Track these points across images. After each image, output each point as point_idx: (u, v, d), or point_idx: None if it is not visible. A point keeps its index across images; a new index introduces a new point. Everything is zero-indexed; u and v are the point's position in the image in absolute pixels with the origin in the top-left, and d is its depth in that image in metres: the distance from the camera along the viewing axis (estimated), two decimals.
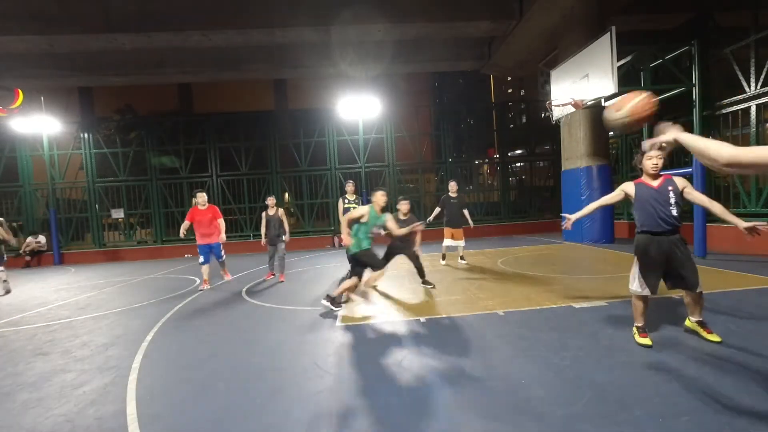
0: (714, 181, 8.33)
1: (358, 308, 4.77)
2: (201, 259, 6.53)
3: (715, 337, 3.05)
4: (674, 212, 3.06)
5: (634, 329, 3.21)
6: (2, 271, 7.18)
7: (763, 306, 3.96)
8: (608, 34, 6.67)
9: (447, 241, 7.58)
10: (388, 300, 5.11)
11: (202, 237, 6.44)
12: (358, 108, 12.06)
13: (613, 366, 2.75)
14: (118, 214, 13.60)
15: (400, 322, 4.11)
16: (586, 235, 9.67)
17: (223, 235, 6.58)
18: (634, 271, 3.16)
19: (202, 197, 6.44)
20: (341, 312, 4.59)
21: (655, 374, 2.60)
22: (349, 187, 6.68)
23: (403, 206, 5.63)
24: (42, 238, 12.74)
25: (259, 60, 12.56)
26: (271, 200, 6.98)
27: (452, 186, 7.57)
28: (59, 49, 10.52)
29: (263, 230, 6.90)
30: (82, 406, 2.64)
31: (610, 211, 9.66)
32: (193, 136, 14.04)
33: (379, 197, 4.58)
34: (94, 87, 17.01)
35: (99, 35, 9.84)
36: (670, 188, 3.10)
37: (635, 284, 3.14)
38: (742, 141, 7.59)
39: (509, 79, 48.89)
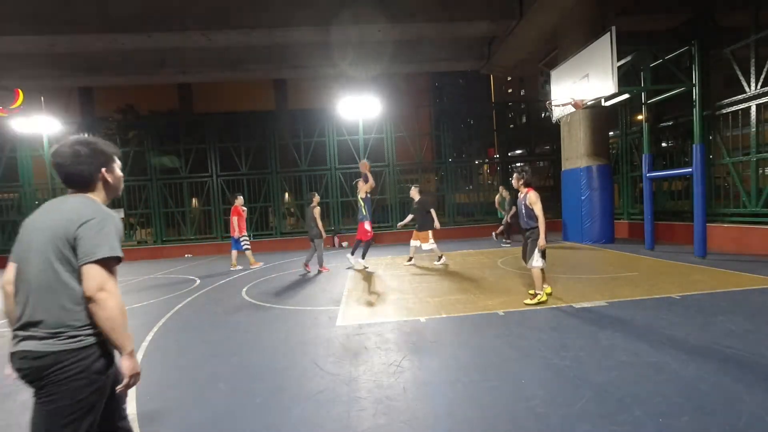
0: (714, 181, 8.33)
1: (358, 308, 4.77)
2: None
3: (529, 301, 4.42)
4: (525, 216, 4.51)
5: (539, 294, 4.42)
6: None
7: (763, 306, 3.95)
8: (608, 34, 6.65)
9: None
10: (389, 300, 5.11)
11: None
12: (358, 108, 12.05)
13: (613, 366, 2.75)
14: (118, 214, 13.57)
15: (400, 322, 4.11)
16: (586, 235, 9.67)
17: None
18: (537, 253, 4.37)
19: None
20: (341, 311, 4.59)
21: (655, 374, 2.60)
22: None
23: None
24: None
25: (259, 60, 12.56)
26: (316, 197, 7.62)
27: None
28: (59, 49, 10.51)
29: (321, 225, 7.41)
30: None
31: (610, 210, 9.66)
32: (193, 136, 14.02)
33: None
34: (94, 87, 17.00)
35: (99, 35, 9.83)
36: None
37: (541, 261, 4.37)
38: (742, 141, 7.59)
39: (509, 79, 48.80)
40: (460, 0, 10.10)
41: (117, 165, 1.59)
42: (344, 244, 13.28)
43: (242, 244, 8.75)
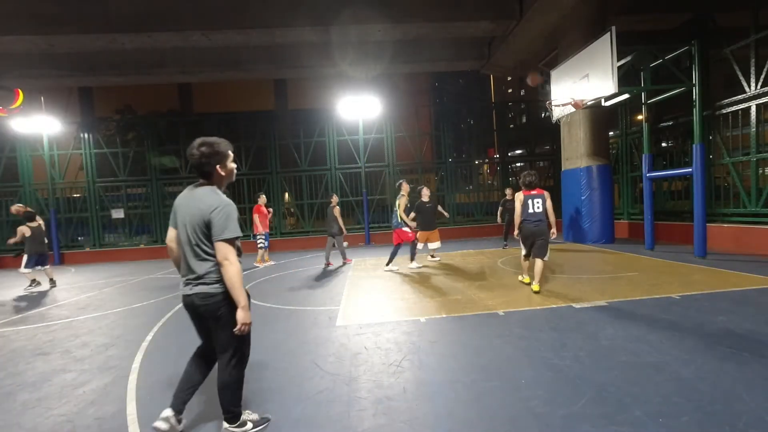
0: (714, 181, 8.33)
1: (358, 309, 4.77)
2: None
3: (535, 287, 4.97)
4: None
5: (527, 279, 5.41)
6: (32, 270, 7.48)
7: (763, 306, 3.96)
8: (608, 34, 6.65)
9: None
10: (389, 300, 5.11)
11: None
12: (358, 108, 12.05)
13: (613, 366, 2.75)
14: (118, 214, 13.60)
15: (400, 322, 4.11)
16: (586, 235, 9.67)
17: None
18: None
19: None
20: (341, 312, 4.60)
21: (655, 374, 2.60)
22: None
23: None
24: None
25: (259, 60, 12.55)
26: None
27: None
28: (59, 49, 10.50)
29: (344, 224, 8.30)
30: (82, 406, 2.64)
31: (610, 211, 9.65)
32: (193, 136, 13.92)
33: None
34: (94, 87, 16.96)
35: (99, 35, 9.82)
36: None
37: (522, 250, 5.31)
38: (742, 141, 7.59)
39: (509, 79, 48.78)
40: (460, 0, 10.10)
41: (229, 160, 2.11)
42: (344, 244, 13.27)
43: (258, 241, 9.02)
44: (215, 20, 9.86)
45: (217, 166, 2.04)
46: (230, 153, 2.11)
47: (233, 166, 2.14)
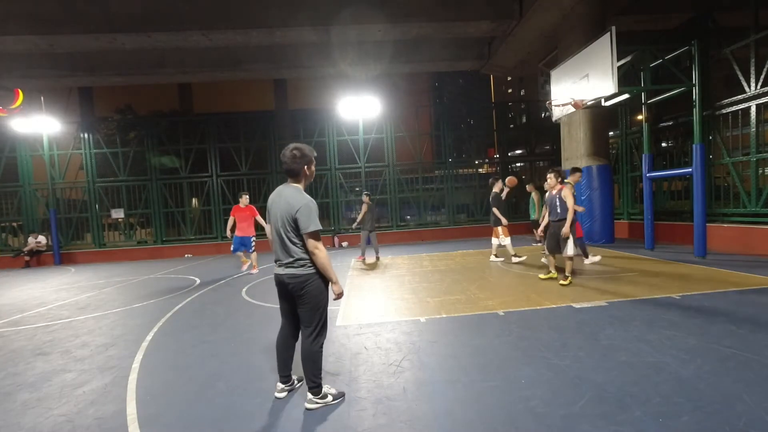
0: (714, 181, 8.33)
1: (357, 308, 4.77)
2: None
3: (563, 282, 5.19)
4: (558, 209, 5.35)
5: (568, 278, 5.23)
6: None
7: (763, 306, 3.95)
8: (608, 34, 6.65)
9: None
10: (389, 300, 5.11)
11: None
12: (358, 108, 12.06)
13: (613, 366, 2.75)
14: (118, 214, 13.60)
15: (400, 322, 4.11)
16: (586, 235, 9.65)
17: None
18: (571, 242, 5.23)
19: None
20: (341, 309, 4.60)
21: (655, 374, 2.60)
22: None
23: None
24: (42, 238, 12.74)
25: (259, 60, 12.56)
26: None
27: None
28: (59, 49, 10.50)
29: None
30: (82, 406, 2.64)
31: (610, 210, 9.65)
32: (193, 136, 14.02)
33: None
34: (94, 87, 16.98)
35: (99, 35, 9.82)
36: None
37: (572, 250, 5.24)
38: (742, 141, 7.59)
39: (509, 79, 48.77)
40: (460, 0, 10.10)
41: (313, 163, 2.51)
42: (344, 244, 13.28)
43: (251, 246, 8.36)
44: (215, 20, 9.86)
45: (305, 167, 2.45)
46: (314, 158, 2.51)
47: (314, 169, 2.54)
